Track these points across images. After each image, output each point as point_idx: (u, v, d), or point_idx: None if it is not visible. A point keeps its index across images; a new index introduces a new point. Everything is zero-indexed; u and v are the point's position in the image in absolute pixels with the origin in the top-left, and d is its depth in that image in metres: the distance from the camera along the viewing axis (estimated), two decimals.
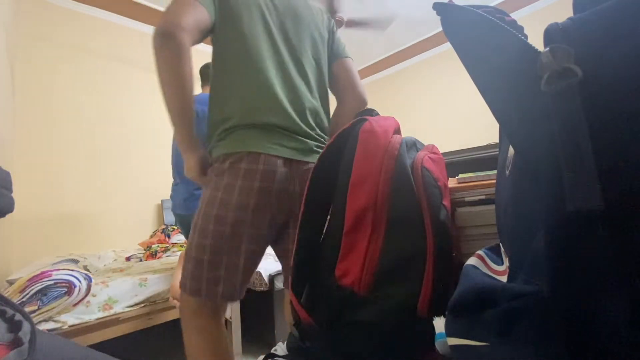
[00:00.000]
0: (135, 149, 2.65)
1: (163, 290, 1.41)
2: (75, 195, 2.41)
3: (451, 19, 0.33)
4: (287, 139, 0.81)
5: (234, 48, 0.80)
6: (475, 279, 0.38)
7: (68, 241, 2.32)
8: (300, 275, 0.56)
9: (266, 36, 0.82)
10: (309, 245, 0.57)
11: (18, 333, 0.36)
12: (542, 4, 3.08)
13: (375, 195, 0.50)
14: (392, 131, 0.55)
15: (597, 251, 0.21)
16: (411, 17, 3.30)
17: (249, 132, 0.77)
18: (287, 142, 0.81)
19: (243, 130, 0.78)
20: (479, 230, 0.63)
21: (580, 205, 0.20)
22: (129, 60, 2.75)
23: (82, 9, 2.59)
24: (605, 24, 0.22)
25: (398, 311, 0.47)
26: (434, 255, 0.48)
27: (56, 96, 2.40)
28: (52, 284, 1.12)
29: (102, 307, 1.25)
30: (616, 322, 0.20)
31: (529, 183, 0.30)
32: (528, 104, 0.26)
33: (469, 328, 0.32)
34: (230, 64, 0.81)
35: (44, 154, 2.32)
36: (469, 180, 0.68)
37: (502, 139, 0.46)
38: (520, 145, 0.30)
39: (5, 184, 0.42)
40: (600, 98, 0.21)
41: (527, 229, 0.30)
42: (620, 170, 0.20)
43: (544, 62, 0.22)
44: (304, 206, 0.59)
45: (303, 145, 0.83)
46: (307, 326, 0.50)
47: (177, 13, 0.72)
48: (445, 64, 3.69)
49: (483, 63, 0.31)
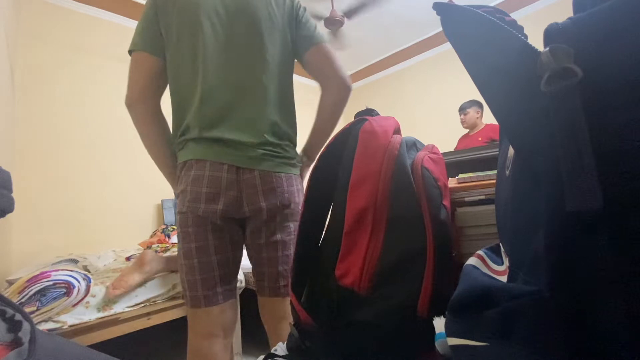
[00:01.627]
0: (135, 149, 2.65)
1: (163, 290, 1.41)
2: (75, 195, 2.41)
3: (451, 19, 0.33)
4: (232, 148, 0.85)
5: (176, 69, 0.85)
6: (476, 279, 0.38)
7: (68, 241, 2.32)
8: (300, 275, 0.56)
9: (202, 51, 0.82)
10: (308, 246, 0.57)
11: (18, 333, 0.36)
12: (542, 4, 3.08)
13: (375, 195, 0.50)
14: (392, 131, 0.55)
15: (597, 251, 0.21)
16: (411, 17, 3.30)
17: (199, 144, 0.84)
18: (232, 150, 0.85)
19: (193, 142, 0.85)
20: (479, 230, 0.63)
21: (580, 205, 0.20)
22: (129, 59, 2.75)
23: (82, 9, 2.59)
24: (605, 23, 0.22)
25: (398, 311, 0.47)
26: (434, 255, 0.48)
27: (56, 96, 2.40)
28: (51, 284, 1.12)
29: (102, 307, 1.25)
30: (616, 322, 0.20)
31: (529, 183, 0.30)
32: (528, 104, 0.26)
33: (469, 328, 0.32)
34: (174, 84, 0.87)
35: (44, 154, 2.31)
36: (469, 180, 0.68)
37: (502, 139, 0.46)
38: (520, 146, 0.30)
39: (5, 184, 0.42)
40: (600, 98, 0.21)
41: (527, 229, 0.30)
42: (621, 171, 0.20)
43: (544, 62, 0.22)
44: (303, 206, 0.59)
45: (251, 153, 0.86)
46: (307, 326, 0.50)
47: (129, 85, 0.84)
48: (445, 64, 3.69)
49: (483, 63, 0.31)
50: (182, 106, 0.85)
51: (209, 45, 0.81)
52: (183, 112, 0.85)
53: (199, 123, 0.83)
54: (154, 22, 0.83)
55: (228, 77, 0.83)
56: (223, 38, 0.83)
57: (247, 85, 0.85)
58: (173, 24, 0.81)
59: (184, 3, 0.80)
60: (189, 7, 0.80)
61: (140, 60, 0.84)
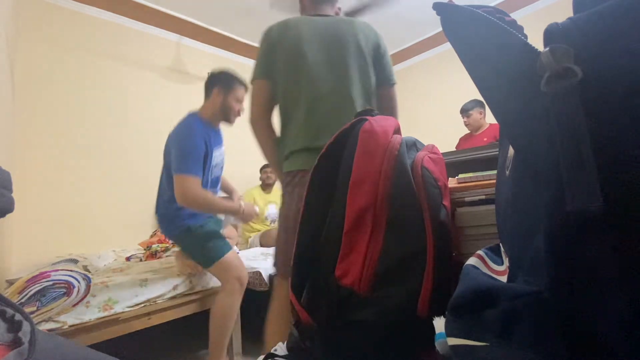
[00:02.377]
0: (135, 149, 2.65)
1: (164, 291, 1.41)
2: (75, 195, 2.41)
3: (451, 19, 0.33)
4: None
5: (284, 91, 1.02)
6: (476, 279, 0.38)
7: (68, 241, 2.32)
8: (300, 275, 0.56)
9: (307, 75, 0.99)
10: (309, 245, 0.57)
11: (18, 333, 0.36)
12: (542, 4, 3.08)
13: (375, 195, 0.50)
14: (392, 131, 0.55)
15: (597, 251, 0.21)
16: (411, 17, 3.30)
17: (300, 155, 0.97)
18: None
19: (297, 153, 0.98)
20: (479, 230, 0.63)
21: (580, 205, 0.20)
22: (129, 59, 2.75)
23: (82, 9, 2.59)
24: (605, 23, 0.22)
25: (398, 311, 0.47)
26: (434, 255, 0.48)
27: (56, 96, 2.40)
28: (51, 284, 1.11)
29: (102, 307, 1.25)
30: (616, 322, 0.20)
31: (529, 183, 0.30)
32: (528, 104, 0.26)
33: (469, 328, 0.32)
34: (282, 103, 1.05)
35: (44, 154, 2.31)
36: (469, 180, 0.68)
37: (502, 139, 0.46)
38: (520, 145, 0.30)
39: (5, 184, 0.42)
40: (600, 98, 0.21)
41: (527, 229, 0.30)
42: (621, 170, 0.20)
43: (544, 62, 0.22)
44: (304, 206, 0.59)
45: None
46: (307, 326, 0.50)
47: (252, 106, 1.05)
48: (445, 64, 3.69)
49: (483, 63, 0.31)
50: (288, 120, 1.02)
51: (309, 67, 0.98)
52: (289, 126, 1.02)
53: (303, 135, 0.97)
54: (269, 55, 1.02)
55: (326, 93, 0.98)
56: (319, 60, 1.00)
57: (340, 99, 0.98)
58: (283, 54, 1.00)
59: (291, 37, 1.00)
60: (294, 41, 0.99)
61: (260, 87, 1.03)
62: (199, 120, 1.42)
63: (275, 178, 2.71)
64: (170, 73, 2.98)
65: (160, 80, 2.91)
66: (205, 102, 1.47)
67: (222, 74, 1.47)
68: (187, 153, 1.30)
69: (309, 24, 1.02)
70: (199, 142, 1.34)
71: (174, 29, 2.96)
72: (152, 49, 2.85)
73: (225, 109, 1.44)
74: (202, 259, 1.41)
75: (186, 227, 1.38)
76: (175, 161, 1.31)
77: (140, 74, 2.80)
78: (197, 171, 1.31)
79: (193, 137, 1.33)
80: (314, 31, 1.01)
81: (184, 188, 1.27)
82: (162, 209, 1.46)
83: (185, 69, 3.08)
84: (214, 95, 1.43)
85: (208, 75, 1.49)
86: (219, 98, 1.43)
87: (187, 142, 1.32)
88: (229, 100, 1.43)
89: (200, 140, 1.34)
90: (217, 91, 1.43)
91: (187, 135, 1.34)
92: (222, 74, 1.47)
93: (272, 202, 2.88)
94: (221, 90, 1.43)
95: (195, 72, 3.14)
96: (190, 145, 1.32)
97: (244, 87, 1.48)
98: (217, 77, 1.46)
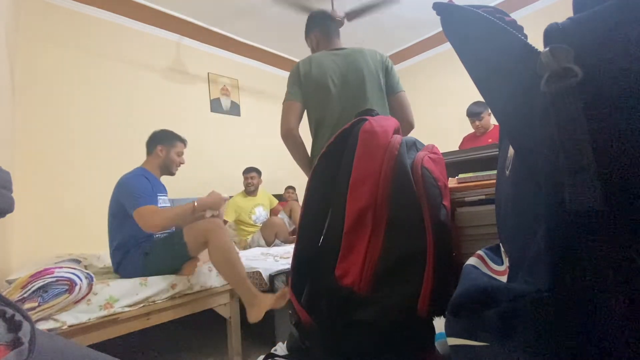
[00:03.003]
0: (135, 149, 2.64)
1: (163, 291, 1.41)
2: (75, 195, 2.41)
3: (451, 19, 0.33)
4: None
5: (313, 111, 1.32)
6: (476, 279, 0.38)
7: (68, 241, 2.31)
8: (300, 275, 0.56)
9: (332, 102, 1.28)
10: (309, 246, 0.57)
11: (18, 333, 0.36)
12: (542, 4, 3.08)
13: (375, 195, 0.49)
14: (392, 131, 0.55)
15: (596, 251, 0.21)
16: (411, 17, 3.30)
17: None
18: None
19: None
20: (479, 230, 0.63)
21: (580, 205, 0.20)
22: (129, 60, 2.75)
23: (82, 9, 2.59)
24: (605, 23, 0.22)
25: (398, 311, 0.47)
26: (434, 255, 0.48)
27: (56, 96, 2.40)
28: (54, 281, 1.11)
29: (103, 305, 1.25)
30: (616, 322, 0.20)
31: (529, 183, 0.30)
32: (528, 104, 0.26)
33: (469, 328, 0.32)
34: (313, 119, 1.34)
35: (44, 154, 2.31)
36: (469, 180, 0.68)
37: (502, 139, 0.46)
38: (520, 146, 0.30)
39: (5, 184, 0.42)
40: (600, 98, 0.21)
41: (527, 229, 0.30)
42: (620, 170, 0.20)
43: (544, 62, 0.22)
44: (304, 206, 0.59)
45: None
46: (307, 326, 0.50)
47: (284, 122, 1.30)
48: (445, 64, 3.69)
49: (483, 63, 0.31)
50: (317, 137, 1.30)
51: (333, 94, 1.27)
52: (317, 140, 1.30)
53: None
54: (298, 84, 1.31)
55: (346, 112, 1.25)
56: (340, 87, 1.29)
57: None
58: (312, 85, 1.29)
59: (316, 71, 1.29)
60: (319, 72, 1.29)
61: (292, 107, 1.30)
62: (145, 170, 1.64)
63: (256, 183, 2.90)
64: (170, 73, 2.98)
65: (160, 80, 2.91)
66: (149, 158, 1.69)
67: (163, 132, 1.71)
68: (140, 191, 1.48)
69: (330, 58, 1.32)
70: (148, 184, 1.54)
71: (174, 29, 2.96)
72: (152, 49, 2.85)
73: (168, 162, 1.69)
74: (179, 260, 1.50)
75: (144, 252, 1.48)
76: (129, 201, 1.46)
77: (140, 73, 2.79)
78: (151, 202, 1.47)
79: (142, 180, 1.54)
80: (334, 65, 1.31)
81: (145, 217, 1.41)
82: (119, 255, 1.53)
83: (185, 69, 3.08)
84: (157, 151, 1.67)
85: (150, 135, 1.70)
86: (163, 153, 1.67)
87: (137, 184, 1.52)
88: (172, 154, 1.68)
89: (148, 183, 1.55)
90: (160, 148, 1.67)
91: (137, 180, 1.54)
92: (163, 133, 1.71)
93: (259, 205, 2.92)
94: (164, 147, 1.67)
95: (195, 72, 3.14)
96: (141, 185, 1.51)
97: (183, 143, 1.73)
98: (159, 136, 1.70)
